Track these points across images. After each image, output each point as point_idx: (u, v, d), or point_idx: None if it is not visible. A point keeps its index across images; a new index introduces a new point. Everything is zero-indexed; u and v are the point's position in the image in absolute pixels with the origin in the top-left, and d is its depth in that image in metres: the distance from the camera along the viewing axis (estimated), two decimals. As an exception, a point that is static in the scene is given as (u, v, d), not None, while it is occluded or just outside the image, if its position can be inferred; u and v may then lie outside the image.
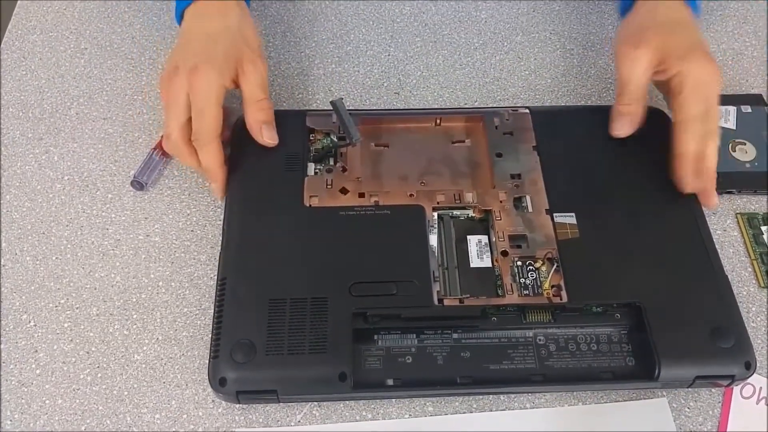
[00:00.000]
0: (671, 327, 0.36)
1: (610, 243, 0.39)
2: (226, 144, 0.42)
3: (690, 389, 0.37)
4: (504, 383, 0.36)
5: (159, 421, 0.36)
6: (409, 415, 0.36)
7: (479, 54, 0.53)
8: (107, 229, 0.42)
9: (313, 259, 0.38)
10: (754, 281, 0.41)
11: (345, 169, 0.43)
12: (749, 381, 0.38)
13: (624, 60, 0.41)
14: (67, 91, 0.49)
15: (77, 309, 0.39)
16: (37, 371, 0.37)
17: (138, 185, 0.44)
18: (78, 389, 0.37)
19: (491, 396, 0.37)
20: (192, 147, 0.41)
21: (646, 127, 0.43)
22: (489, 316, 0.37)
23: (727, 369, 0.36)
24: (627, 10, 0.46)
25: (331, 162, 0.43)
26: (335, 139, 0.44)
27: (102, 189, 0.44)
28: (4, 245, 0.42)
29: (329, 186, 0.42)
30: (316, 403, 0.36)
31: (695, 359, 0.36)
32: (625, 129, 0.43)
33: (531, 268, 0.39)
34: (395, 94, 0.50)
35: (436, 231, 0.40)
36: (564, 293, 0.37)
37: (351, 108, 0.45)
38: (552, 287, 0.38)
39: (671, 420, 0.36)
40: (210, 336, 0.36)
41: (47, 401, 0.36)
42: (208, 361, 0.35)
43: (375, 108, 0.49)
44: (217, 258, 0.39)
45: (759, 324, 0.40)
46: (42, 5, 0.54)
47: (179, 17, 0.44)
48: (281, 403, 0.36)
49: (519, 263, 0.39)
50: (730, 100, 0.48)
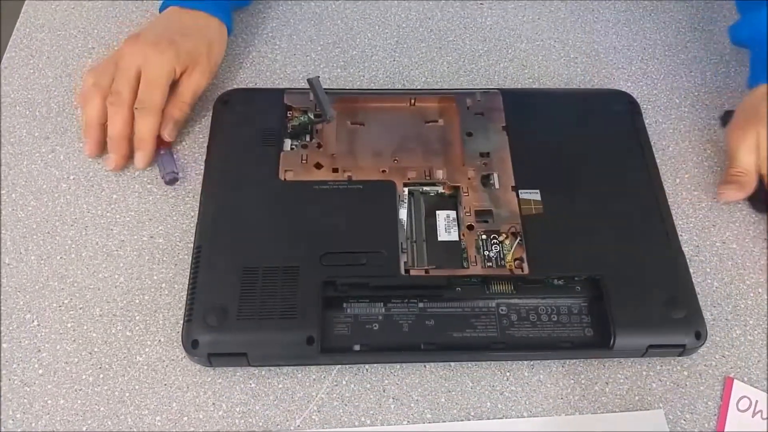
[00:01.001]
0: (627, 299, 0.38)
1: (572, 219, 0.41)
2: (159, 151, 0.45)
3: (687, 406, 0.38)
4: (466, 350, 0.38)
5: (160, 423, 0.36)
6: (407, 422, 0.37)
7: (483, 61, 0.53)
8: (112, 230, 0.43)
9: (286, 230, 0.40)
10: None
11: (320, 146, 0.44)
12: (746, 394, 0.38)
13: (732, 136, 0.44)
14: (74, 91, 0.49)
15: (80, 309, 0.40)
16: (40, 371, 0.37)
17: (173, 180, 0.45)
18: (80, 390, 0.37)
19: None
20: (130, 112, 0.43)
21: (610, 109, 0.46)
22: (453, 286, 0.39)
23: (678, 338, 0.38)
24: (754, 84, 0.46)
25: (307, 138, 0.45)
26: (312, 117, 0.45)
27: (107, 189, 0.45)
28: (9, 244, 0.42)
29: (304, 161, 0.43)
30: (315, 408, 0.37)
31: (648, 329, 0.38)
32: (731, 195, 0.45)
33: (495, 241, 0.40)
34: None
35: (406, 205, 0.41)
36: (526, 265, 0.39)
37: (328, 87, 0.46)
38: (515, 260, 0.39)
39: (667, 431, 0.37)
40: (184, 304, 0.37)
41: (49, 401, 0.36)
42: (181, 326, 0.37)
43: (351, 87, 0.50)
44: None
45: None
46: (50, 4, 0.54)
47: (164, 7, 0.49)
48: (281, 404, 0.37)
49: (484, 237, 0.40)
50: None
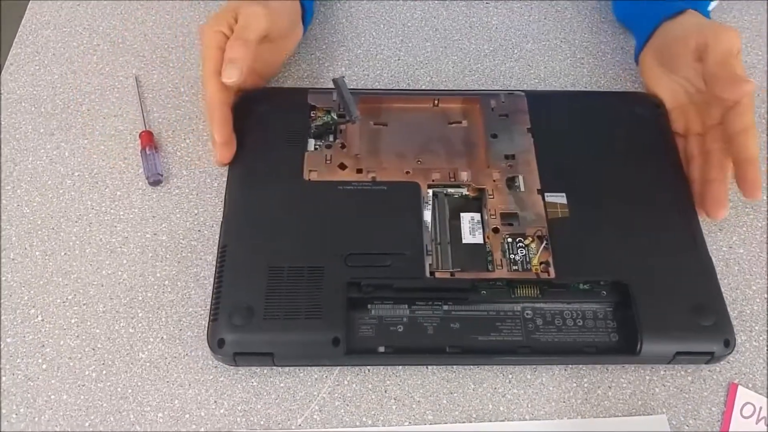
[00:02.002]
0: (654, 305, 0.38)
1: (598, 222, 0.41)
2: None
3: (691, 411, 0.38)
4: (491, 354, 0.37)
5: (161, 420, 0.36)
6: (408, 423, 0.37)
7: (489, 61, 0.52)
8: (116, 227, 0.43)
9: (311, 231, 0.39)
10: None
11: (344, 146, 0.44)
12: (750, 400, 0.38)
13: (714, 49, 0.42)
14: (80, 87, 0.49)
15: (84, 305, 0.40)
16: (44, 366, 0.38)
17: (156, 181, 0.44)
18: (83, 385, 0.37)
19: (479, 367, 0.38)
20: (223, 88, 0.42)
21: (634, 113, 0.45)
22: (478, 289, 0.39)
23: (707, 346, 0.37)
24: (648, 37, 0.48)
25: (331, 138, 0.45)
26: (335, 117, 0.45)
27: (111, 186, 0.45)
28: (14, 239, 0.42)
29: (328, 161, 0.43)
30: (317, 408, 0.37)
31: (676, 336, 0.37)
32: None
33: (521, 245, 0.40)
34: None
35: (430, 207, 0.41)
36: (552, 269, 0.39)
37: (352, 87, 0.46)
38: (541, 264, 0.39)
39: (670, 436, 0.37)
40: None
41: (52, 396, 0.37)
42: (206, 326, 0.37)
43: (376, 87, 0.50)
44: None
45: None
46: (55, 2, 0.54)
47: None
48: (283, 404, 0.37)
49: (509, 240, 0.40)
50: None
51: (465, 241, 0.40)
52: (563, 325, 0.38)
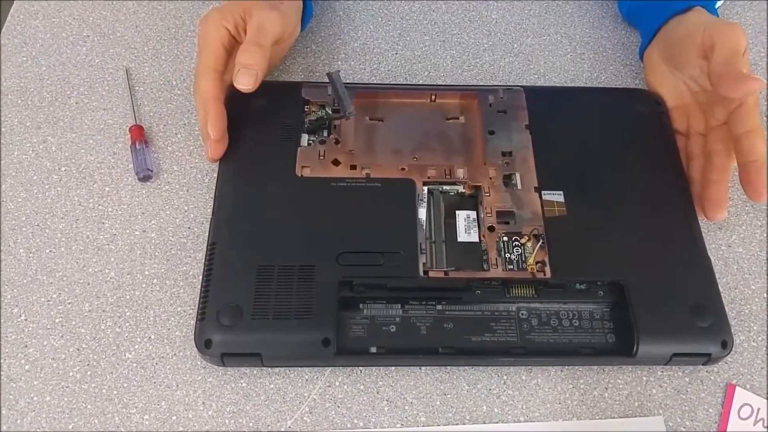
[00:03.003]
0: (651, 305, 0.37)
1: (596, 221, 0.40)
2: None
3: (688, 413, 0.37)
4: (485, 354, 0.37)
5: (147, 422, 0.35)
6: (401, 425, 0.36)
7: (488, 56, 0.51)
8: (103, 224, 0.42)
9: (303, 228, 0.39)
10: None
11: (338, 142, 0.43)
12: (748, 401, 0.37)
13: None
14: (68, 80, 0.48)
15: (69, 304, 0.39)
16: (26, 367, 0.37)
17: (146, 177, 0.43)
18: (67, 387, 0.36)
19: (473, 368, 0.38)
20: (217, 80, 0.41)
21: (635, 110, 0.45)
22: (473, 288, 0.38)
23: (704, 347, 0.36)
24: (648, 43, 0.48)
25: (325, 134, 0.44)
26: (330, 112, 0.44)
27: (99, 182, 0.44)
28: (-2, 236, 0.41)
29: (322, 157, 0.42)
30: (307, 409, 0.36)
31: (673, 337, 0.36)
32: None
33: (517, 243, 0.39)
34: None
35: (425, 205, 0.41)
36: (548, 269, 0.38)
37: (348, 81, 0.45)
38: (536, 263, 0.38)
39: (667, 440, 0.36)
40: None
41: (35, 398, 0.36)
42: (194, 326, 0.36)
43: (372, 82, 0.49)
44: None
45: None
46: (45, -10, 0.53)
47: None
48: (272, 405, 0.36)
49: (505, 239, 0.39)
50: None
51: (460, 240, 0.40)
52: (559, 326, 0.38)
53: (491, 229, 0.40)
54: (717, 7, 0.49)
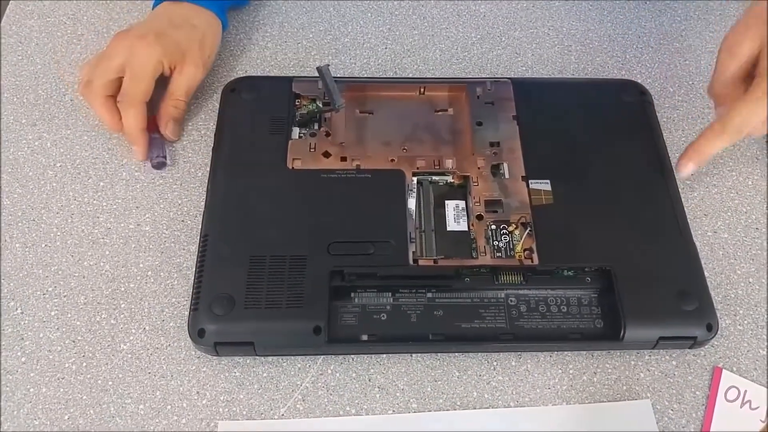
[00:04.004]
0: (638, 290, 0.38)
1: (582, 209, 0.41)
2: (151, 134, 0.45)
3: (675, 396, 0.38)
4: (475, 341, 0.37)
5: (143, 412, 0.36)
6: (392, 411, 0.36)
7: (476, 49, 0.52)
8: (98, 218, 0.42)
9: (294, 219, 0.39)
10: None
11: (329, 134, 0.44)
12: (734, 384, 0.38)
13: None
14: (62, 78, 0.49)
15: (65, 297, 0.39)
16: (23, 359, 0.37)
17: (160, 164, 0.44)
18: (63, 378, 0.37)
19: (464, 354, 0.38)
20: (109, 101, 0.43)
21: (621, 99, 0.45)
22: (462, 276, 0.39)
23: (689, 331, 0.37)
24: None
25: (316, 127, 0.44)
26: (320, 105, 0.45)
27: (94, 177, 0.44)
28: (-6, 231, 0.42)
29: (312, 150, 0.43)
30: (300, 397, 0.37)
31: (659, 321, 0.37)
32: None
33: (505, 231, 0.40)
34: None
35: (414, 195, 0.41)
36: (535, 256, 0.39)
37: (338, 75, 0.45)
38: (524, 250, 0.39)
39: (654, 422, 0.36)
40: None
41: (32, 389, 0.36)
42: (187, 315, 0.37)
43: (362, 76, 0.50)
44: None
45: None
46: (38, -10, 0.54)
47: (157, 3, 0.48)
48: (266, 393, 0.36)
49: (493, 227, 0.40)
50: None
51: (450, 229, 0.40)
52: (547, 312, 0.38)
53: (480, 218, 0.40)
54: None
